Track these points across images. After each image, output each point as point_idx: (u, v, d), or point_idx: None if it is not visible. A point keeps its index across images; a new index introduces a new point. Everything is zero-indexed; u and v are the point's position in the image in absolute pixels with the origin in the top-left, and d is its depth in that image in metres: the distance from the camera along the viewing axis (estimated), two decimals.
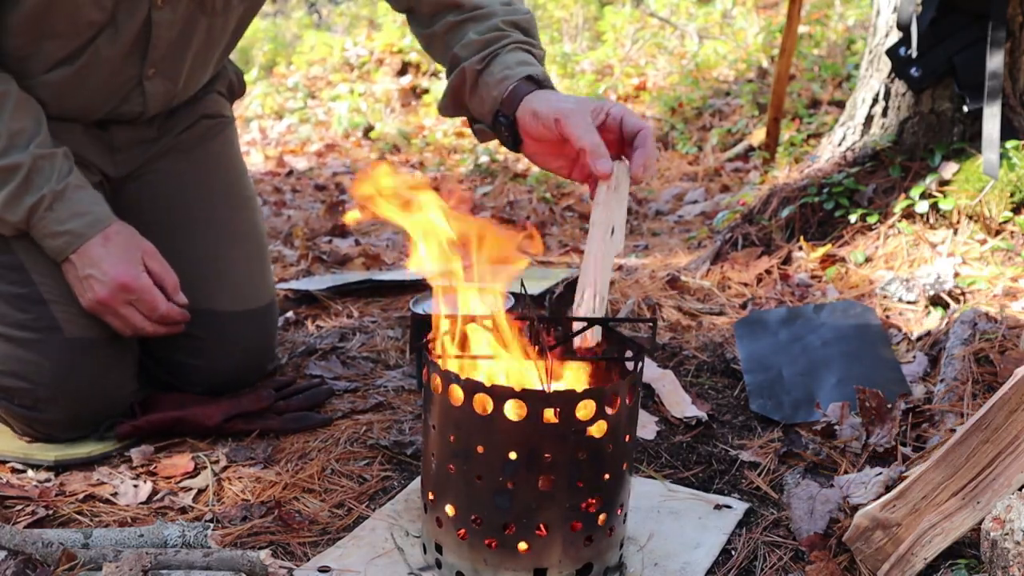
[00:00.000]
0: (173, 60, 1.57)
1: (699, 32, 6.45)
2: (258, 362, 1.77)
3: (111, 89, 1.54)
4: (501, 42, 1.41)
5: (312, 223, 3.54)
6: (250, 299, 1.72)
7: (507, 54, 1.40)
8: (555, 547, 1.08)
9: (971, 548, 1.15)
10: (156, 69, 1.55)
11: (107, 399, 1.54)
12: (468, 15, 1.47)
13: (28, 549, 1.11)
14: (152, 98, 1.59)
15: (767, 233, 2.58)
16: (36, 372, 1.47)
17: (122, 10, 1.44)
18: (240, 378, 1.72)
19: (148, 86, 1.57)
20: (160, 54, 1.53)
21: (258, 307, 1.73)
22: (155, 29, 1.49)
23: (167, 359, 1.67)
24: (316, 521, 1.31)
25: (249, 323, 1.71)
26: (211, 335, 1.65)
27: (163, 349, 1.65)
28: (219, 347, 1.66)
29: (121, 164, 1.66)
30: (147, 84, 1.57)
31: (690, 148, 4.89)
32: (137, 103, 1.59)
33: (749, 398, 1.74)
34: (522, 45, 1.43)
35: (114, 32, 1.46)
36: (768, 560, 1.23)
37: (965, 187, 2.37)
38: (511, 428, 1.04)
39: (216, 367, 1.67)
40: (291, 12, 9.67)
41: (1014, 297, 2.10)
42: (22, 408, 1.48)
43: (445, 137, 5.74)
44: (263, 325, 1.76)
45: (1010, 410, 1.09)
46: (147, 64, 1.53)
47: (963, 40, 2.40)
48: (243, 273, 1.73)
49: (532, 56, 1.43)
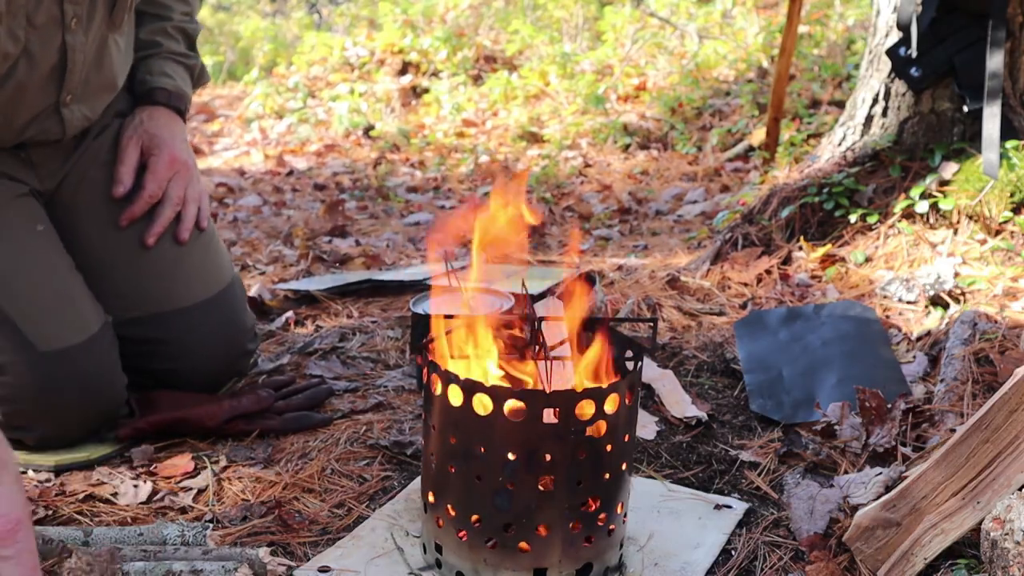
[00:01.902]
0: (89, 84, 1.55)
1: (699, 32, 6.45)
2: (231, 346, 1.71)
3: (28, 117, 1.51)
4: (156, 48, 1.71)
5: (312, 223, 3.54)
6: (208, 286, 1.67)
7: (157, 61, 1.71)
8: (555, 547, 1.09)
9: (971, 548, 1.15)
10: (72, 95, 1.53)
11: (98, 402, 1.52)
12: (151, 9, 1.72)
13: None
14: (70, 124, 1.57)
15: (767, 233, 2.58)
16: (20, 393, 1.44)
17: (34, 39, 1.41)
18: (220, 369, 1.70)
19: (66, 113, 1.55)
20: (77, 79, 1.51)
21: (218, 291, 1.68)
22: (71, 54, 1.47)
23: (148, 369, 1.64)
24: (316, 521, 1.31)
25: (214, 310, 1.67)
26: (180, 334, 1.62)
27: (137, 360, 1.62)
28: (192, 343, 1.63)
29: (45, 178, 1.61)
30: (64, 111, 1.54)
31: (690, 148, 4.89)
32: (55, 130, 1.56)
33: (749, 398, 1.74)
34: (175, 56, 1.73)
35: (28, 61, 1.43)
36: (768, 560, 1.23)
37: (965, 187, 2.37)
38: (511, 428, 1.04)
39: (197, 364, 1.65)
40: (291, 12, 9.67)
41: (1014, 297, 2.10)
42: (17, 430, 1.46)
43: (445, 137, 5.74)
44: (229, 307, 1.71)
45: (1010, 410, 1.09)
46: (64, 91, 1.51)
47: (963, 40, 2.40)
48: (191, 263, 1.68)
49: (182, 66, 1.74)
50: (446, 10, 7.57)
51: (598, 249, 3.23)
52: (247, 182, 4.76)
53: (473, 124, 5.97)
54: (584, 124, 5.45)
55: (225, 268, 1.74)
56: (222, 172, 5.03)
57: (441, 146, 5.56)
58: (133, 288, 1.60)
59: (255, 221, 3.74)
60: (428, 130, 5.94)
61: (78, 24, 1.46)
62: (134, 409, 1.58)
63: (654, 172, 4.60)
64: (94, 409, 1.51)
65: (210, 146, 5.97)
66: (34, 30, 1.41)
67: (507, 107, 6.12)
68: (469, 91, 6.50)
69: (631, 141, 5.14)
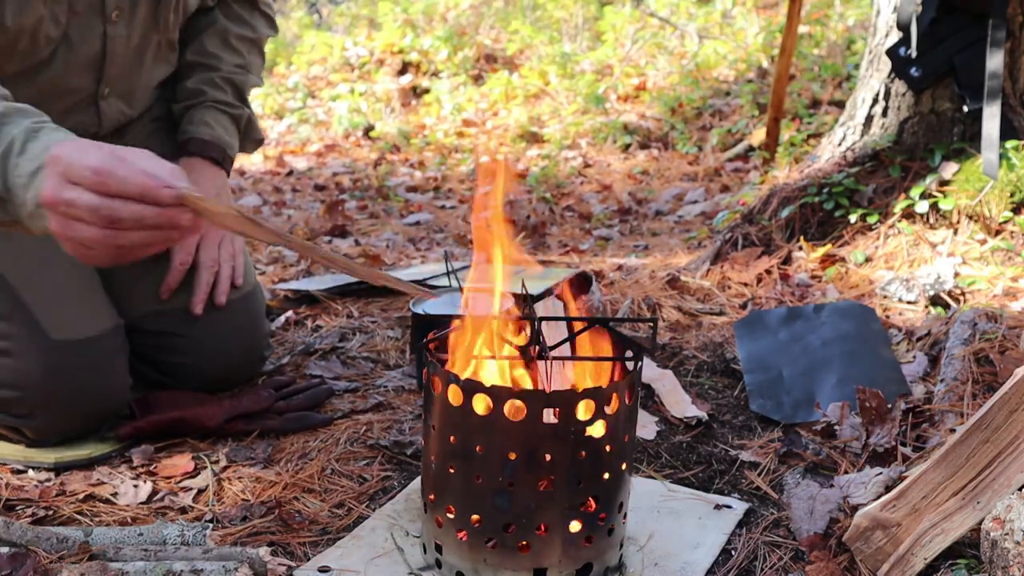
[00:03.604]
0: (128, 79, 1.57)
1: (699, 32, 6.45)
2: (248, 351, 1.75)
3: (66, 107, 1.53)
4: (200, 97, 1.69)
5: (312, 223, 3.54)
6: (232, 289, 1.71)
7: (200, 110, 1.69)
8: (555, 547, 1.09)
9: (971, 548, 1.15)
10: (111, 88, 1.56)
11: (101, 399, 1.53)
12: (201, 59, 1.72)
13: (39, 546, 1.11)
14: (106, 117, 1.59)
15: (767, 233, 2.58)
16: (26, 378, 1.45)
17: (75, 25, 1.44)
18: (235, 370, 1.72)
19: (103, 105, 1.57)
20: (115, 72, 1.54)
21: (239, 295, 1.72)
22: (110, 44, 1.50)
23: (158, 360, 1.66)
24: (316, 521, 1.31)
25: (236, 312, 1.70)
26: (197, 331, 1.65)
27: (151, 351, 1.65)
28: (208, 342, 1.65)
29: None
30: (102, 103, 1.57)
31: (690, 148, 4.89)
32: (92, 122, 1.58)
33: (749, 398, 1.74)
34: (219, 105, 1.70)
35: (68, 49, 1.46)
36: (768, 560, 1.23)
37: (965, 187, 2.37)
38: (511, 428, 1.04)
39: (208, 362, 1.67)
40: (291, 12, 9.67)
41: (1014, 297, 2.10)
42: (18, 418, 1.47)
43: (445, 137, 5.74)
44: (248, 311, 1.74)
45: (1010, 410, 1.09)
46: (103, 83, 1.54)
47: (963, 40, 2.40)
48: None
49: (226, 115, 1.70)
50: (446, 10, 7.58)
51: (598, 249, 3.23)
52: (247, 182, 4.76)
53: (473, 124, 5.97)
54: (584, 124, 5.45)
55: (250, 273, 1.78)
56: None
57: (441, 146, 5.56)
58: (159, 283, 1.61)
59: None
60: (428, 130, 5.94)
61: (119, 16, 1.49)
62: (134, 410, 1.58)
63: (654, 172, 4.61)
64: (96, 405, 1.52)
65: None
66: (75, 16, 1.44)
67: (507, 107, 6.12)
68: (469, 91, 6.50)
69: (631, 141, 5.14)
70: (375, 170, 4.98)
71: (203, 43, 1.72)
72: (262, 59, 1.82)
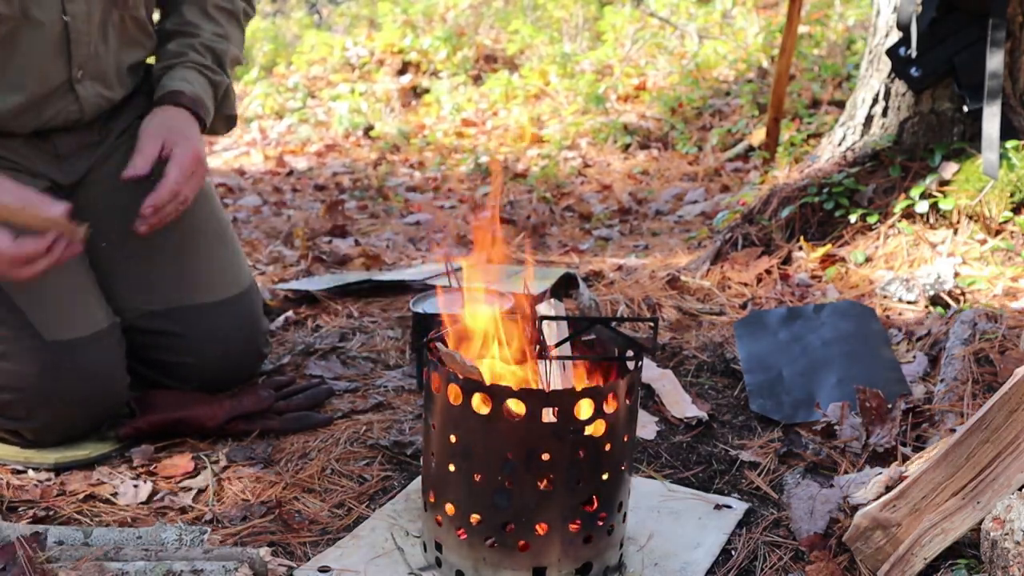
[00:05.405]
0: (98, 60, 1.57)
1: (699, 32, 6.45)
2: (247, 350, 1.75)
3: (45, 93, 1.53)
4: (180, 58, 1.68)
5: (312, 223, 3.54)
6: (226, 287, 1.71)
7: (179, 69, 1.67)
8: (554, 546, 1.09)
9: (971, 548, 1.15)
10: (84, 71, 1.56)
11: (98, 398, 1.53)
12: (178, 28, 1.72)
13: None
14: (86, 101, 1.59)
15: (767, 233, 2.58)
16: (22, 380, 1.45)
17: (31, 4, 1.44)
18: (233, 369, 1.72)
19: (80, 89, 1.57)
20: (83, 52, 1.54)
21: (236, 294, 1.72)
22: (72, 22, 1.49)
23: (156, 360, 1.66)
24: (316, 521, 1.31)
25: (229, 311, 1.70)
26: (193, 330, 1.64)
27: (149, 351, 1.64)
28: (204, 341, 1.65)
29: (68, 171, 1.64)
30: (79, 88, 1.57)
31: (690, 148, 4.89)
32: (73, 109, 1.58)
33: (749, 398, 1.74)
34: (198, 66, 1.68)
35: (32, 29, 1.46)
36: (768, 560, 1.23)
37: (965, 187, 2.37)
38: (510, 427, 1.04)
39: (205, 362, 1.66)
40: (291, 12, 9.67)
41: (1014, 297, 2.10)
42: (16, 420, 1.47)
43: (445, 137, 5.74)
44: (244, 311, 1.74)
45: (1010, 410, 1.09)
46: (74, 66, 1.54)
47: (963, 40, 2.40)
48: (213, 263, 1.71)
49: (205, 78, 1.68)
50: (446, 10, 7.57)
51: (598, 249, 3.23)
52: (247, 182, 4.76)
53: (473, 124, 5.97)
54: (584, 124, 5.44)
55: (245, 271, 1.78)
56: (222, 172, 5.02)
57: (441, 146, 5.55)
58: (154, 283, 1.61)
59: (255, 221, 3.74)
60: (428, 130, 5.93)
61: None
62: (133, 409, 1.58)
63: (654, 172, 4.60)
64: (93, 404, 1.52)
65: (209, 146, 5.97)
66: None
67: (507, 107, 6.12)
68: (469, 91, 6.50)
69: (631, 141, 5.14)
70: (375, 170, 4.98)
71: (182, 13, 1.72)
72: (241, 33, 1.81)
